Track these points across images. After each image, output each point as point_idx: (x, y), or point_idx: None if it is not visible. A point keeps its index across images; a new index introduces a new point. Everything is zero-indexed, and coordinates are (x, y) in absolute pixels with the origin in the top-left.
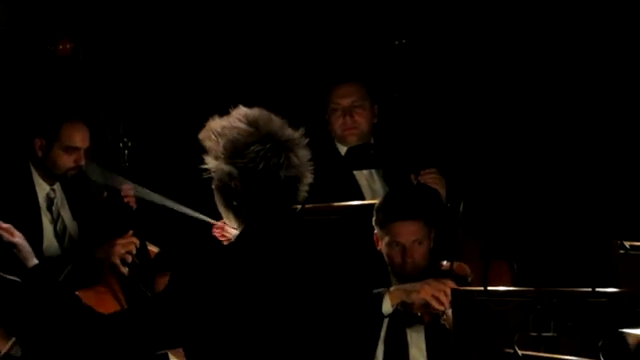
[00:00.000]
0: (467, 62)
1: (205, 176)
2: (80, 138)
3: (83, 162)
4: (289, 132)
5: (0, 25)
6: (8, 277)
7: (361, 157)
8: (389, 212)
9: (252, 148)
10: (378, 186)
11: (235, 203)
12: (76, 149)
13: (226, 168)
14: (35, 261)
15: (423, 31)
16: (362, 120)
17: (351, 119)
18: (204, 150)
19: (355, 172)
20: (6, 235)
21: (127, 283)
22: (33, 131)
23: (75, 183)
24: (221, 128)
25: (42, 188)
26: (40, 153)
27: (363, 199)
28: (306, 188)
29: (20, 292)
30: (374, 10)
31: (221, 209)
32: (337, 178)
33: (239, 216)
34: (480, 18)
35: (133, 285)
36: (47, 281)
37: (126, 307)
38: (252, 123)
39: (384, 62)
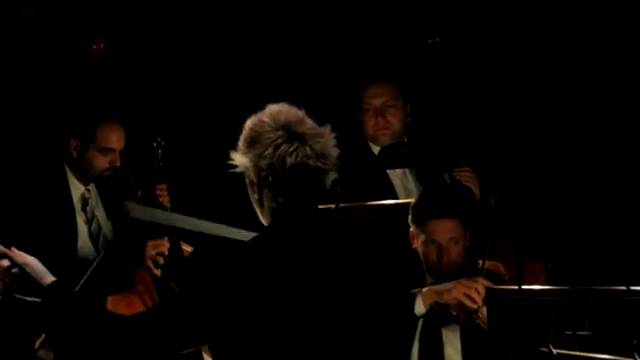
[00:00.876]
0: (500, 60)
1: (231, 171)
2: (115, 139)
3: (118, 163)
4: (308, 125)
5: (33, 25)
6: (27, 299)
7: (394, 156)
8: (425, 210)
9: (265, 137)
10: (412, 185)
11: (256, 196)
12: (111, 150)
13: (244, 160)
14: (51, 279)
15: (456, 29)
16: (394, 120)
17: (383, 119)
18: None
19: (389, 171)
20: (17, 258)
21: (160, 285)
22: (68, 132)
23: (109, 183)
24: (247, 124)
25: (77, 188)
26: (75, 154)
27: (397, 199)
28: (327, 182)
29: (40, 313)
30: (407, 8)
31: (254, 205)
32: (370, 177)
33: (262, 210)
34: (514, 15)
35: (166, 286)
36: (66, 297)
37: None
38: (270, 116)
39: (417, 60)
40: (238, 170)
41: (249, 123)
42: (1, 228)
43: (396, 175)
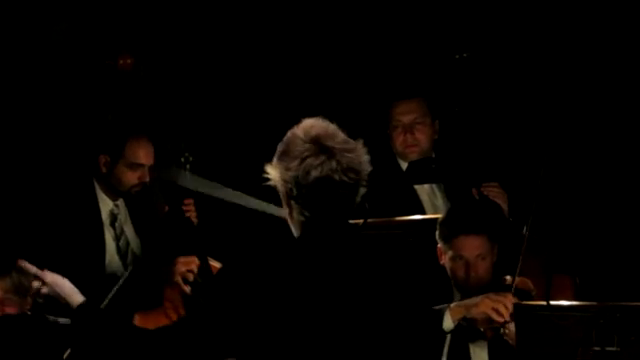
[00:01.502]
0: (529, 75)
1: (266, 184)
2: (144, 155)
3: (147, 179)
4: (338, 139)
5: (61, 40)
6: (59, 320)
7: (422, 172)
8: (453, 226)
9: (294, 150)
10: (440, 202)
11: (287, 209)
12: (140, 166)
13: (274, 172)
14: (80, 299)
15: (484, 45)
16: (423, 137)
17: (412, 136)
18: (265, 164)
19: (416, 187)
20: (48, 278)
21: (189, 302)
22: (97, 148)
23: (138, 198)
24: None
25: (106, 204)
26: (104, 170)
27: (425, 214)
28: (355, 197)
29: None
30: (435, 24)
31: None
32: (398, 193)
33: (292, 223)
34: (541, 31)
35: (195, 304)
36: (94, 317)
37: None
38: (302, 129)
39: (445, 76)
40: (271, 183)
41: (285, 137)
42: (30, 244)
43: (424, 191)
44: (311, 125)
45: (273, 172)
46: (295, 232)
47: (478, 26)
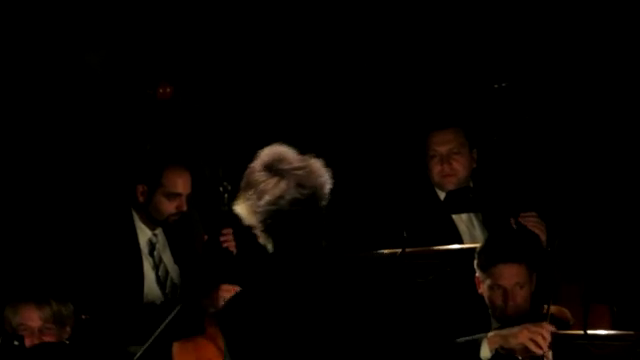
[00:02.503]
0: (567, 104)
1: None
2: (182, 184)
3: (185, 208)
4: (290, 160)
5: (100, 69)
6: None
7: (460, 201)
8: (491, 255)
9: (251, 181)
10: (478, 232)
11: (260, 240)
12: (178, 195)
13: (240, 208)
14: None
15: (523, 74)
16: (460, 167)
17: (449, 166)
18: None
19: (454, 217)
20: None
21: None
22: (135, 177)
23: (177, 227)
24: None
25: (144, 233)
26: (142, 199)
27: (462, 244)
28: (312, 213)
29: None
30: (473, 54)
31: None
32: (436, 223)
33: (266, 250)
34: (581, 59)
35: None
36: None
37: None
38: (257, 160)
39: (484, 105)
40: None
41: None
42: (70, 274)
43: (462, 220)
44: (265, 153)
45: (238, 209)
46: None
47: (517, 56)
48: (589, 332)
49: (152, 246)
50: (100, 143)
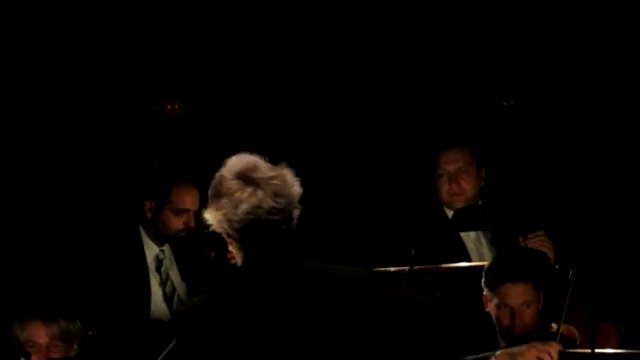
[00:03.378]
0: (575, 122)
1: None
2: (190, 200)
3: (193, 224)
4: (262, 169)
5: (109, 86)
6: None
7: (468, 219)
8: (499, 274)
9: (222, 189)
10: (485, 250)
11: (232, 248)
12: (186, 211)
13: (210, 216)
14: None
15: (531, 92)
16: (468, 186)
17: (457, 185)
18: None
19: (462, 235)
20: None
21: None
22: (143, 193)
23: (184, 243)
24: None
25: (151, 249)
26: (150, 215)
27: (470, 262)
28: (286, 222)
29: None
30: (482, 71)
31: None
32: (444, 241)
33: (238, 259)
34: (589, 77)
35: None
36: None
37: None
38: (227, 168)
39: (492, 123)
40: (211, 229)
41: (213, 180)
42: (77, 290)
43: (470, 239)
44: (234, 162)
45: (208, 216)
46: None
47: (525, 73)
48: (596, 351)
49: (159, 262)
50: (108, 159)
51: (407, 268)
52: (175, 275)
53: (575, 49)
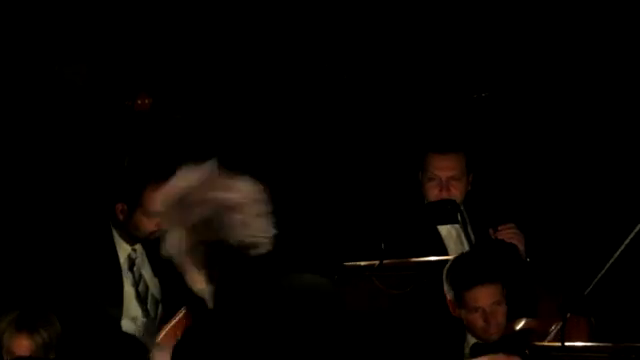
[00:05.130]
0: (548, 114)
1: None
2: None
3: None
4: (216, 185)
5: (78, 81)
6: None
7: (439, 212)
8: (464, 278)
9: (172, 218)
10: (466, 246)
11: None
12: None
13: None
14: None
15: (503, 84)
16: (457, 193)
17: (447, 192)
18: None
19: (444, 232)
20: None
21: None
22: (114, 196)
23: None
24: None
25: (123, 249)
26: (122, 217)
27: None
28: (246, 231)
29: None
30: (453, 64)
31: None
32: (420, 234)
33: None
34: (562, 69)
35: None
36: None
37: None
38: (164, 195)
39: (463, 115)
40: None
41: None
42: (49, 291)
43: (451, 235)
44: (172, 188)
45: (167, 238)
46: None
47: (496, 66)
48: (566, 344)
49: (132, 262)
50: (78, 156)
51: (377, 262)
52: (148, 274)
53: (548, 38)
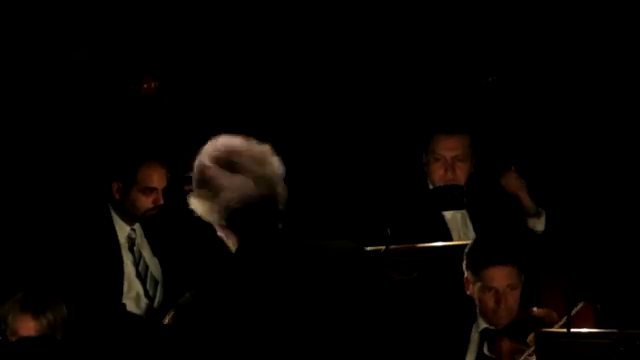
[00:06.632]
0: (554, 100)
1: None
2: (157, 178)
3: (162, 201)
4: (245, 153)
5: (85, 66)
6: None
7: (446, 198)
8: (482, 257)
9: (207, 176)
10: (471, 232)
11: (221, 234)
12: (154, 189)
13: (197, 202)
14: None
15: (512, 68)
16: (462, 174)
17: (452, 173)
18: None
19: (448, 217)
20: None
21: None
22: (110, 174)
23: (154, 221)
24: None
25: (123, 229)
26: (118, 196)
27: (451, 240)
28: (277, 203)
29: None
30: (462, 49)
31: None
32: (425, 219)
33: (229, 244)
34: (569, 55)
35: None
36: None
37: None
38: (207, 154)
39: (472, 100)
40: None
41: (195, 165)
42: (50, 274)
43: (455, 220)
44: (213, 147)
45: (194, 205)
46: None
47: (504, 50)
48: (572, 330)
49: (132, 241)
50: (85, 139)
51: (383, 247)
52: (147, 253)
53: (554, 24)
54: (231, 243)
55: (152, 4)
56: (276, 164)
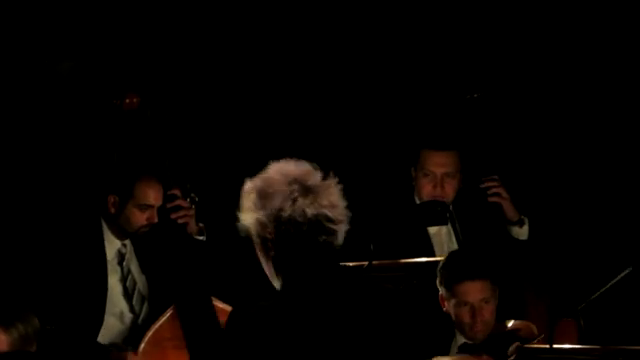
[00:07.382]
0: (539, 115)
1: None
2: (154, 196)
3: (156, 220)
4: (317, 178)
5: (67, 79)
6: None
7: (430, 213)
8: (455, 272)
9: (280, 191)
10: (455, 247)
11: (272, 253)
12: (150, 207)
13: (258, 217)
14: None
15: (495, 84)
16: (451, 191)
17: (441, 189)
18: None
19: (433, 232)
20: None
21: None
22: (107, 188)
23: (145, 238)
24: (251, 183)
25: (113, 244)
26: (113, 210)
27: (434, 256)
28: (341, 234)
29: None
30: (445, 64)
31: (263, 264)
32: (409, 234)
33: (278, 269)
34: (553, 71)
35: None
36: None
37: None
38: (279, 171)
39: (456, 116)
40: (246, 230)
41: (257, 183)
42: (32, 283)
43: (440, 235)
44: (286, 166)
45: (255, 217)
46: (277, 280)
47: (489, 66)
48: (555, 346)
49: (121, 257)
50: (68, 153)
51: (366, 263)
52: (136, 269)
53: (538, 40)
54: (267, 267)
55: (134, 20)
56: (340, 196)
